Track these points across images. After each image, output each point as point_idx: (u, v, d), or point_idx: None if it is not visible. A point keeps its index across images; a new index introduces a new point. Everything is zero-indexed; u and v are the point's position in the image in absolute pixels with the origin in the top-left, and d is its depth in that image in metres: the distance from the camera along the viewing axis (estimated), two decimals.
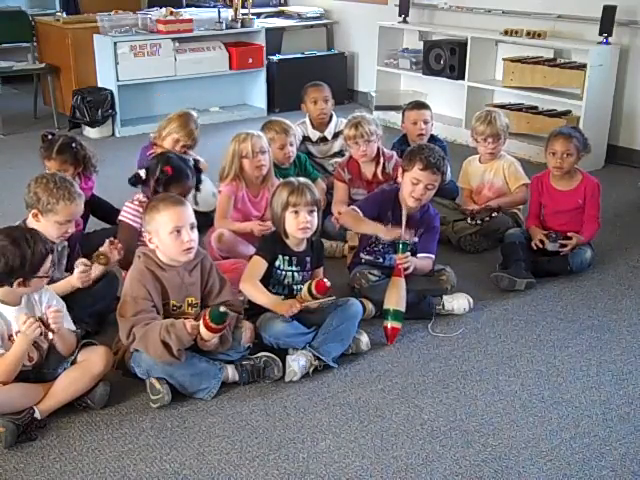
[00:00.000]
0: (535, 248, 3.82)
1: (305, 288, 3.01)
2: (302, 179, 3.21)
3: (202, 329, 2.70)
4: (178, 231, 2.78)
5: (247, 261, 3.24)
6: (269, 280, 3.13)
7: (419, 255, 3.46)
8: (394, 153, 4.22)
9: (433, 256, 3.50)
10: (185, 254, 2.82)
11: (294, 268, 3.15)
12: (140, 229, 3.25)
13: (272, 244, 3.14)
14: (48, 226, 3.00)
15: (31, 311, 2.66)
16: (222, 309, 2.67)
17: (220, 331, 2.72)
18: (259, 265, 3.09)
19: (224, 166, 3.83)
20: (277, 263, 3.12)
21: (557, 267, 3.82)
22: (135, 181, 3.42)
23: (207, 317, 2.67)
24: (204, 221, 3.77)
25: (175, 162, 3.41)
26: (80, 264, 3.01)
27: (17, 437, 2.54)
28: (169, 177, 3.34)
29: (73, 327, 2.76)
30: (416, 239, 3.46)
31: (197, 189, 3.60)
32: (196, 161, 3.65)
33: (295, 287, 3.16)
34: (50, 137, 3.81)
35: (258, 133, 3.86)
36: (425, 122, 4.43)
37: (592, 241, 3.96)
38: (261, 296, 3.04)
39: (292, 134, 4.14)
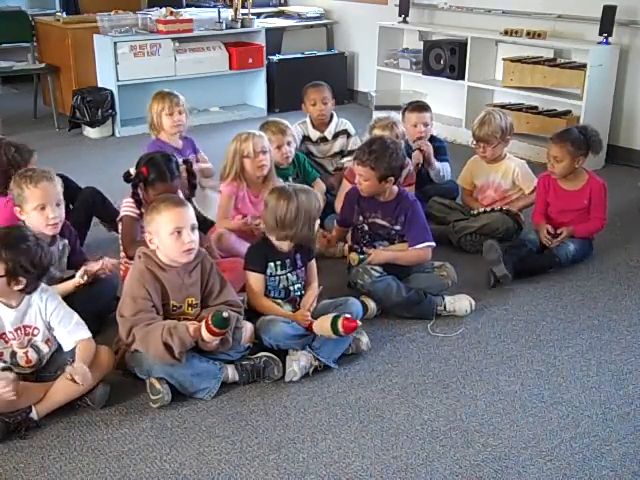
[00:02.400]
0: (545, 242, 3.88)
1: (329, 325, 2.91)
2: (297, 185, 3.24)
3: (204, 331, 2.70)
4: (179, 232, 2.78)
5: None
6: (265, 288, 3.14)
7: (412, 248, 3.48)
8: (409, 160, 4.13)
9: (429, 242, 3.49)
10: (185, 255, 2.82)
11: (287, 270, 3.15)
12: (139, 217, 3.34)
13: (259, 253, 3.14)
14: (30, 218, 3.00)
15: (29, 315, 2.66)
16: (225, 314, 2.67)
17: (221, 335, 2.72)
18: (257, 280, 3.11)
19: (225, 166, 3.83)
20: (269, 271, 3.12)
21: (546, 261, 3.84)
22: (126, 178, 3.44)
23: (210, 321, 2.67)
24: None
25: (155, 163, 3.38)
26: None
27: (6, 435, 2.54)
28: (144, 178, 3.36)
29: (85, 334, 2.73)
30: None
31: (191, 193, 3.59)
32: (188, 164, 3.62)
33: (292, 288, 3.16)
34: None
35: (260, 133, 3.86)
36: (425, 125, 4.42)
37: (592, 241, 3.98)
38: (277, 311, 3.07)
39: (289, 134, 4.13)
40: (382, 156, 3.41)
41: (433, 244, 3.52)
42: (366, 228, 3.56)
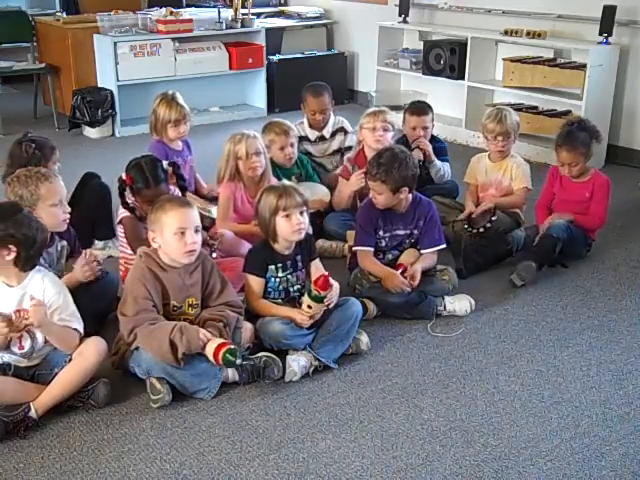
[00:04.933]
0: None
1: (306, 296, 2.98)
2: (287, 182, 3.22)
3: (209, 350, 2.72)
4: (182, 232, 2.79)
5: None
6: (265, 290, 3.13)
7: (425, 251, 3.48)
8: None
9: (443, 245, 3.54)
10: (187, 256, 2.82)
11: (287, 272, 3.14)
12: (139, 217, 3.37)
13: (260, 257, 3.12)
14: (45, 215, 2.97)
15: (24, 296, 2.66)
16: (238, 362, 2.71)
17: (217, 362, 2.72)
18: (256, 284, 3.10)
19: (220, 167, 3.83)
20: (269, 274, 3.11)
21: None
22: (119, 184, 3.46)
23: (221, 353, 2.68)
24: None
25: (139, 170, 3.39)
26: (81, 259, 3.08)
27: (5, 434, 2.55)
28: (129, 186, 3.38)
29: (75, 325, 2.73)
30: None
31: (183, 195, 3.59)
32: (175, 167, 3.61)
33: (291, 289, 3.16)
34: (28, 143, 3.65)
35: (254, 134, 3.83)
36: (424, 129, 4.39)
37: (593, 241, 4.01)
38: (276, 311, 3.06)
39: (292, 135, 4.15)
40: (391, 168, 3.33)
41: (444, 246, 3.54)
42: (383, 243, 3.51)
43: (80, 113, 6.29)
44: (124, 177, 3.41)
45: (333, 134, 4.66)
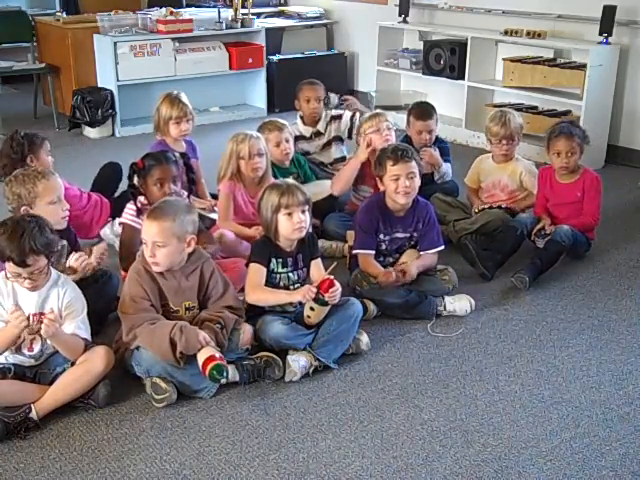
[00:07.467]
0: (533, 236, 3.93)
1: (312, 302, 2.97)
2: (290, 180, 3.22)
3: (200, 357, 2.71)
4: (145, 244, 2.82)
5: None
6: (265, 285, 3.12)
7: (425, 253, 3.48)
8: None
9: (442, 246, 3.53)
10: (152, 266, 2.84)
11: (288, 269, 3.14)
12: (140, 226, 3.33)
13: (265, 248, 3.12)
14: (44, 213, 2.95)
15: (48, 303, 2.67)
16: (223, 381, 2.72)
17: (204, 372, 2.71)
18: (259, 272, 3.07)
19: (221, 166, 3.83)
20: (271, 267, 3.11)
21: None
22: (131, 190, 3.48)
23: (209, 367, 2.67)
24: None
25: (150, 154, 3.47)
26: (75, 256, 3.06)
27: (5, 435, 2.55)
28: (140, 170, 3.40)
29: (85, 335, 2.75)
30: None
31: (190, 188, 3.60)
32: (186, 157, 3.63)
33: (292, 287, 3.16)
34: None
35: (257, 134, 3.85)
36: (430, 132, 4.38)
37: (592, 241, 4.00)
38: (275, 296, 3.06)
39: (286, 131, 4.16)
40: (407, 148, 3.49)
41: (443, 247, 3.54)
42: (383, 247, 3.51)
43: (80, 113, 6.29)
44: (137, 161, 3.44)
45: (327, 126, 4.67)
